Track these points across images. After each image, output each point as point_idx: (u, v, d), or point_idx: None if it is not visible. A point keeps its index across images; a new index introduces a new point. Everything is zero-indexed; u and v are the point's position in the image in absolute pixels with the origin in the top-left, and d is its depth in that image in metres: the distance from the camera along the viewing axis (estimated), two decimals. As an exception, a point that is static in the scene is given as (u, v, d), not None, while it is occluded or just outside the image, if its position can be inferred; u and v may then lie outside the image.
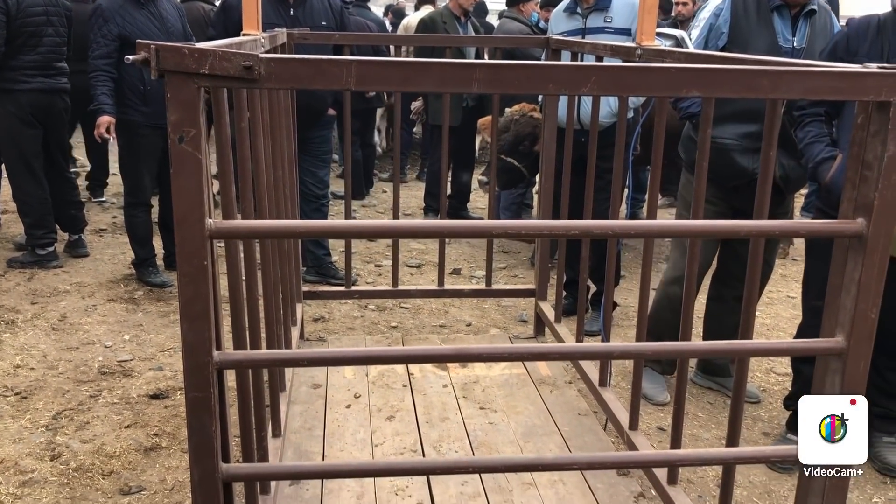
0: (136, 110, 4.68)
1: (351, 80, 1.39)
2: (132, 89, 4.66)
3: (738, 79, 1.47)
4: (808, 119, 2.99)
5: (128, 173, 4.94)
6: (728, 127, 3.23)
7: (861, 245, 1.55)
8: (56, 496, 2.82)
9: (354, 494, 2.47)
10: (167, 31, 4.79)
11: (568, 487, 2.54)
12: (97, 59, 4.60)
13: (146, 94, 4.66)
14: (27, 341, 4.08)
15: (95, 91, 4.60)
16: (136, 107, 4.68)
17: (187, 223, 1.41)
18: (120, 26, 4.62)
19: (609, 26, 4.15)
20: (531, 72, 1.46)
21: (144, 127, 4.70)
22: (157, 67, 1.34)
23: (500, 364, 3.41)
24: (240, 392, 1.87)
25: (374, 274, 5.48)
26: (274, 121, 2.73)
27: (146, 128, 4.70)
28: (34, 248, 5.21)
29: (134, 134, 4.73)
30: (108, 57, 4.57)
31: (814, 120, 2.98)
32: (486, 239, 4.08)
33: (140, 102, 4.68)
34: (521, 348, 2.31)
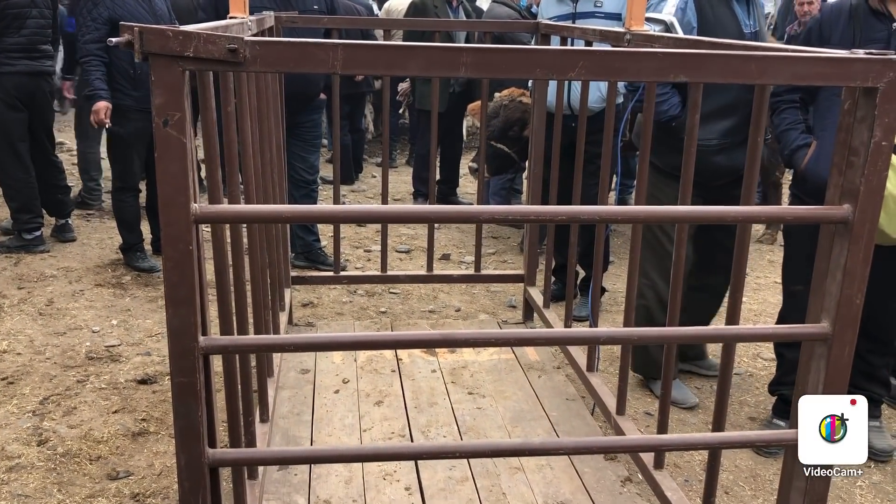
0: (125, 94, 4.66)
1: (337, 63, 1.38)
2: (122, 73, 4.62)
3: (725, 64, 1.47)
4: (783, 106, 2.99)
5: (117, 158, 4.91)
6: (708, 127, 3.19)
7: (847, 230, 1.55)
8: (43, 481, 2.81)
9: (343, 479, 2.48)
10: (155, 15, 4.75)
11: (555, 472, 2.55)
12: (88, 43, 4.57)
13: (136, 77, 4.63)
14: (14, 326, 4.06)
15: (89, 76, 4.57)
16: (125, 91, 4.65)
17: (172, 207, 1.40)
18: (110, 10, 4.58)
19: (599, 10, 4.14)
20: (519, 56, 1.45)
21: (134, 111, 4.67)
22: (142, 50, 1.32)
23: (489, 349, 3.41)
24: (227, 377, 1.87)
25: (363, 259, 5.47)
26: (261, 105, 2.71)
27: (136, 112, 4.67)
28: (20, 232, 5.18)
29: (123, 118, 4.69)
30: (99, 41, 4.53)
31: (789, 107, 2.98)
32: (475, 224, 4.08)
33: (129, 86, 4.65)
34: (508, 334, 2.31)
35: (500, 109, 4.81)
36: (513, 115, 4.85)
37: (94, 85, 4.55)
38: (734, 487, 2.97)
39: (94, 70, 4.55)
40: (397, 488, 2.45)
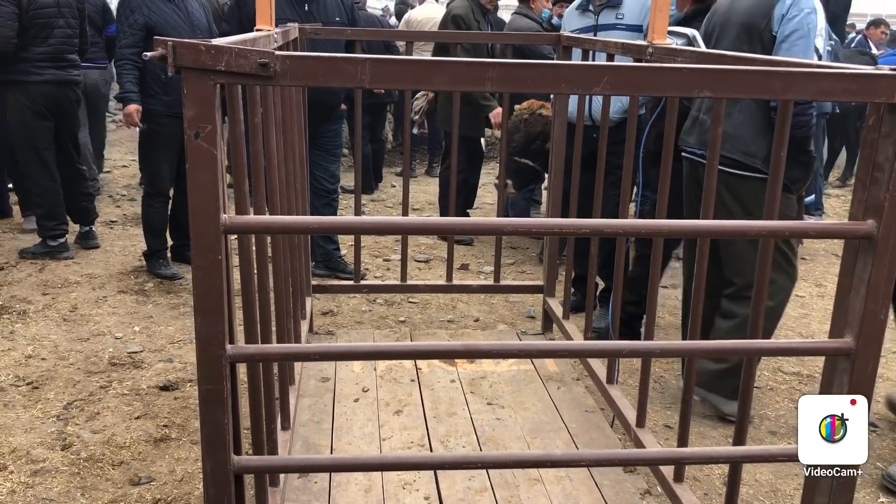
0: (156, 99, 4.73)
1: (365, 78, 1.40)
2: (154, 78, 4.70)
3: (749, 79, 1.48)
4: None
5: (146, 162, 4.99)
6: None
7: (871, 246, 1.55)
8: (67, 485, 2.85)
9: (362, 488, 2.49)
10: (192, 24, 4.82)
11: (574, 484, 2.55)
12: (124, 48, 4.66)
13: (167, 82, 4.69)
14: (39, 332, 4.11)
15: (122, 80, 4.67)
16: (156, 95, 4.73)
17: (202, 217, 1.43)
18: (146, 17, 4.67)
19: (620, 23, 4.15)
20: (544, 71, 1.47)
21: (165, 116, 4.75)
22: (174, 64, 1.35)
23: (508, 360, 3.42)
24: (251, 385, 1.89)
25: (382, 268, 5.50)
26: (286, 116, 2.75)
27: (166, 117, 4.74)
28: (46, 239, 5.25)
29: (154, 123, 4.76)
30: (134, 46, 4.62)
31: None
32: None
33: (161, 91, 4.72)
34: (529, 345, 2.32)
35: (521, 124, 4.82)
36: (534, 129, 4.86)
37: (126, 87, 4.65)
38: (754, 502, 2.96)
39: (128, 73, 4.65)
40: (416, 498, 2.46)
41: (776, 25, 3.16)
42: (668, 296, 5.14)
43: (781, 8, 3.14)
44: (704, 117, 3.40)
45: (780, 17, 3.14)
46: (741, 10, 3.32)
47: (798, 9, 3.11)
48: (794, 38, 3.11)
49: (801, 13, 3.11)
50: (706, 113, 3.38)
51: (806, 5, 3.12)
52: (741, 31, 3.29)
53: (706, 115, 3.38)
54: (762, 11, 3.21)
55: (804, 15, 3.11)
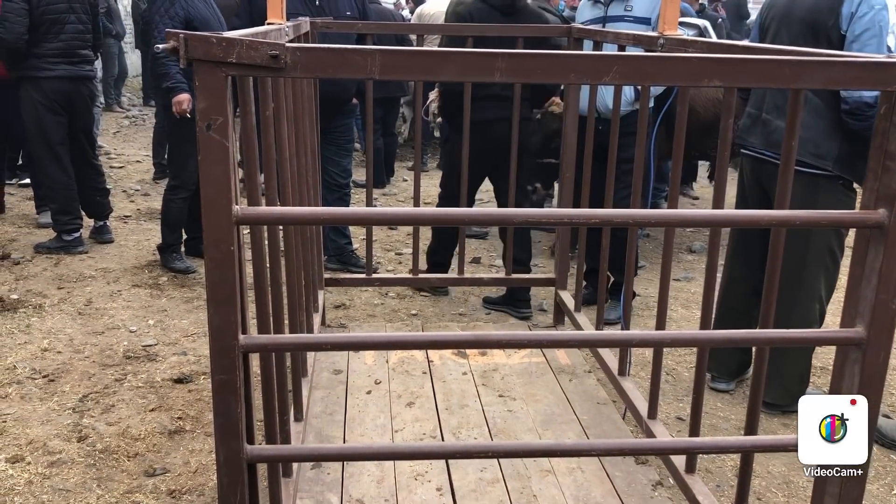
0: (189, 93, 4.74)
1: (375, 69, 1.41)
2: (187, 73, 4.71)
3: (759, 68, 1.47)
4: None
5: (174, 155, 5.03)
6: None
7: (882, 235, 1.55)
8: (83, 476, 2.88)
9: (374, 479, 2.51)
10: (218, 18, 4.85)
11: (586, 475, 2.56)
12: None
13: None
14: (54, 325, 4.15)
15: (169, 70, 4.65)
16: (188, 90, 4.74)
17: (215, 209, 1.44)
18: (185, 9, 4.70)
19: (629, 14, 4.15)
20: (553, 61, 1.47)
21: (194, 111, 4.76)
22: (186, 56, 1.36)
23: (520, 352, 3.43)
24: (264, 375, 1.90)
25: (394, 262, 5.51)
26: (297, 109, 2.76)
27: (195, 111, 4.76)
28: (60, 233, 5.29)
29: (185, 117, 4.74)
30: None
31: None
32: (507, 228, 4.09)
33: (189, 86, 4.74)
34: (539, 335, 2.33)
35: (535, 125, 4.83)
36: (550, 128, 4.88)
37: (176, 78, 4.65)
38: (766, 494, 2.95)
39: (173, 65, 4.63)
40: (429, 488, 2.48)
41: (845, 24, 3.06)
42: (680, 289, 5.13)
43: (850, 5, 3.04)
44: (768, 117, 3.33)
45: (850, 16, 3.04)
46: (805, 6, 3.21)
47: (868, 6, 3.01)
48: (867, 38, 3.01)
49: (872, 10, 3.01)
50: (771, 112, 3.33)
51: (876, 2, 3.02)
52: (804, 28, 3.19)
53: (770, 114, 3.33)
54: (829, 8, 3.10)
55: (875, 12, 3.01)
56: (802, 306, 3.36)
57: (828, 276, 3.39)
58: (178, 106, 4.69)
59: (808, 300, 3.37)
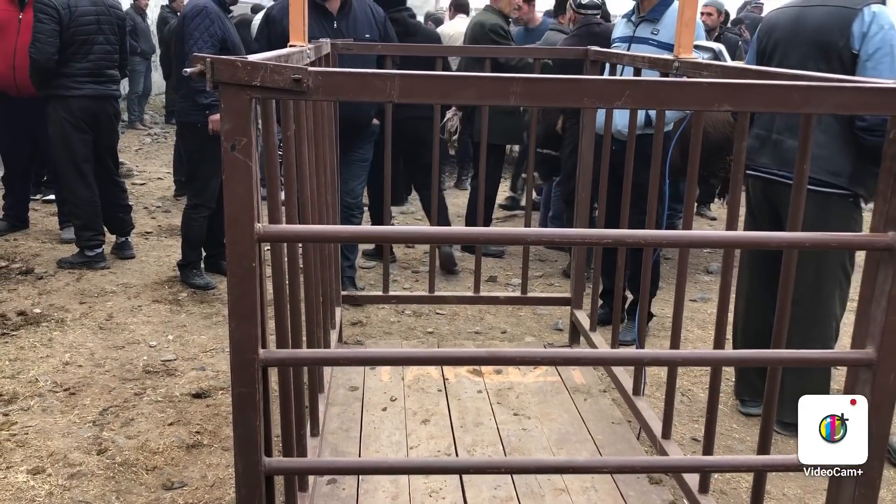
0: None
1: (394, 92, 1.45)
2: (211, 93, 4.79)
3: (769, 93, 1.51)
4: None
5: (195, 176, 5.06)
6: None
7: (892, 258, 1.57)
8: (102, 489, 2.92)
9: (390, 495, 2.53)
10: (245, 43, 4.94)
11: (600, 494, 2.57)
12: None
13: None
14: (76, 339, 4.22)
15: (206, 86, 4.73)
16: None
17: (238, 227, 1.49)
18: (223, 30, 4.77)
19: (653, 38, 4.18)
20: (567, 85, 1.51)
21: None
22: (213, 79, 1.42)
23: (535, 371, 3.45)
24: (282, 390, 1.94)
25: (410, 280, 5.55)
26: (318, 130, 2.81)
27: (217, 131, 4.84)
28: (83, 249, 5.38)
29: (208, 137, 4.78)
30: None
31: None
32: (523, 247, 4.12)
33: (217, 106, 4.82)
34: (553, 352, 2.35)
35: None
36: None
37: (215, 96, 4.72)
38: (781, 516, 2.95)
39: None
40: (443, 505, 2.50)
41: (857, 43, 3.08)
42: (697, 309, 5.13)
43: (861, 25, 3.06)
44: (780, 137, 3.35)
45: (861, 35, 3.07)
46: (812, 27, 3.22)
47: (878, 25, 3.04)
48: (879, 56, 3.04)
49: (882, 30, 3.05)
50: (783, 133, 3.35)
51: (885, 21, 3.05)
52: (814, 49, 3.20)
53: (782, 134, 3.35)
54: (839, 28, 3.12)
55: (885, 31, 3.05)
56: (821, 325, 3.38)
57: (841, 294, 3.41)
58: (214, 124, 4.71)
59: (825, 318, 3.39)
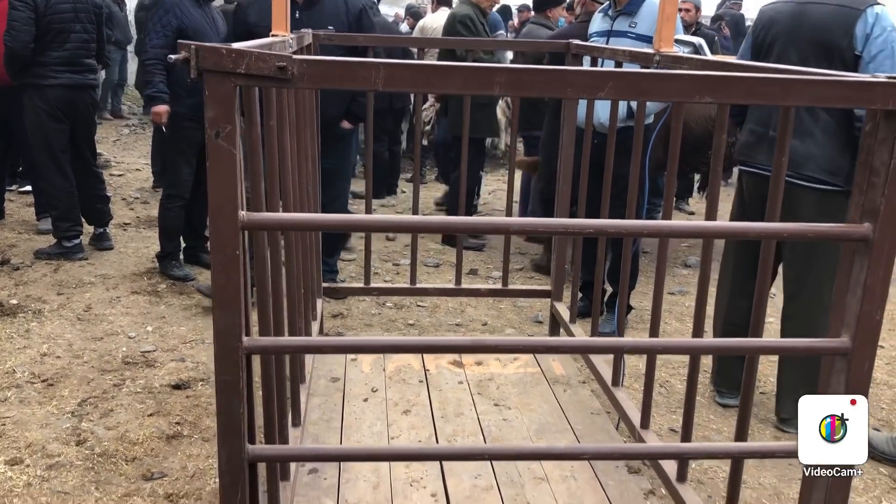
0: (181, 102, 4.80)
1: (379, 81, 1.46)
2: (180, 81, 4.76)
3: (749, 86, 1.53)
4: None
5: (167, 165, 5.06)
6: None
7: (867, 249, 1.60)
8: (81, 479, 2.91)
9: (371, 484, 2.54)
10: (217, 31, 4.91)
11: (579, 483, 2.59)
12: (155, 48, 4.75)
13: (193, 87, 4.74)
14: (54, 331, 4.19)
15: (154, 79, 4.74)
16: (182, 99, 4.80)
17: (221, 214, 1.49)
18: (179, 19, 4.75)
19: (632, 31, 4.21)
20: (550, 75, 1.52)
21: (188, 119, 4.81)
22: (197, 66, 1.41)
23: (515, 362, 3.47)
24: (264, 378, 1.94)
25: (391, 272, 5.56)
26: (300, 120, 2.81)
27: (189, 120, 4.81)
28: (61, 240, 5.33)
29: (178, 126, 4.82)
30: (165, 47, 4.70)
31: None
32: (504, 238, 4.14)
33: (186, 94, 4.79)
34: (532, 341, 2.38)
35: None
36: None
37: (158, 87, 4.73)
38: (757, 504, 2.99)
39: (158, 73, 4.72)
40: (424, 494, 2.51)
41: (860, 44, 3.11)
42: (675, 302, 5.18)
43: (864, 26, 3.09)
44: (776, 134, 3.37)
45: (864, 37, 3.09)
46: (813, 25, 3.23)
47: (881, 27, 3.08)
48: (882, 58, 3.07)
49: (885, 31, 3.08)
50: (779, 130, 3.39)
51: (887, 23, 3.09)
52: (815, 48, 3.22)
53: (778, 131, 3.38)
54: (842, 28, 3.14)
55: (887, 34, 3.08)
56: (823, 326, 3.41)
57: None
58: (155, 116, 4.82)
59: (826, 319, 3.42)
